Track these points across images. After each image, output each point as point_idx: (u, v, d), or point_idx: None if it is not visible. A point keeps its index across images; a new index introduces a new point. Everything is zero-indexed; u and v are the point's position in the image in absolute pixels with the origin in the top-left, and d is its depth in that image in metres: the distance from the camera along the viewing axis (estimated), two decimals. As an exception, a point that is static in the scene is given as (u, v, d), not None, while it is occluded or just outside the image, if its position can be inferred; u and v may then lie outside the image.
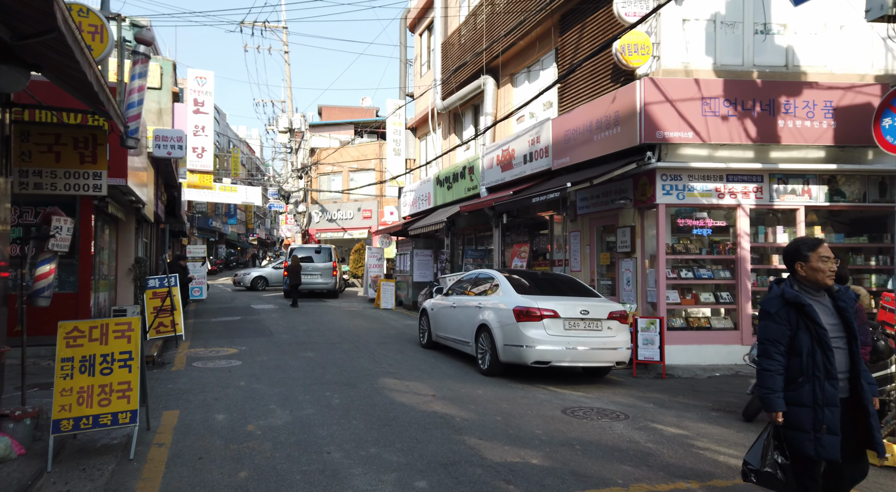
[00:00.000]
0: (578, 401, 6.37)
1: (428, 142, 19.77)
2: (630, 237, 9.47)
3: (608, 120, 9.44)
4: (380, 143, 30.71)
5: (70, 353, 4.81)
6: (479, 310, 8.04)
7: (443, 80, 16.64)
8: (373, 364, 8.45)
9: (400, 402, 6.20)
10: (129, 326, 5.05)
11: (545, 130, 11.41)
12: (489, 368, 7.56)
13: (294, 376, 7.53)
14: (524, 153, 12.24)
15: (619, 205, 9.74)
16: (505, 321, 7.33)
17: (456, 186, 15.86)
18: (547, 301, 7.17)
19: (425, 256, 18.45)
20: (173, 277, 10.72)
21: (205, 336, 11.24)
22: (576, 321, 7.09)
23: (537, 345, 6.95)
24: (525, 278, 8.09)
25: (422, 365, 8.44)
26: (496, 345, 7.39)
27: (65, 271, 8.47)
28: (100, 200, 8.74)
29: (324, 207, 31.75)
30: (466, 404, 6.08)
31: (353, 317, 15.18)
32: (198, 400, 6.32)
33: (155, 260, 16.05)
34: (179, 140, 10.83)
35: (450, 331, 9.00)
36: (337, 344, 10.36)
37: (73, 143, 5.53)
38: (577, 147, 10.37)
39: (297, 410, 5.90)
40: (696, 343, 8.79)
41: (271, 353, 9.36)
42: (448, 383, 7.15)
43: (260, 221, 66.92)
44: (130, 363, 4.95)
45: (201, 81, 17.67)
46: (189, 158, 18.21)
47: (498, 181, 13.36)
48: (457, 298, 8.97)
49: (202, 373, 7.76)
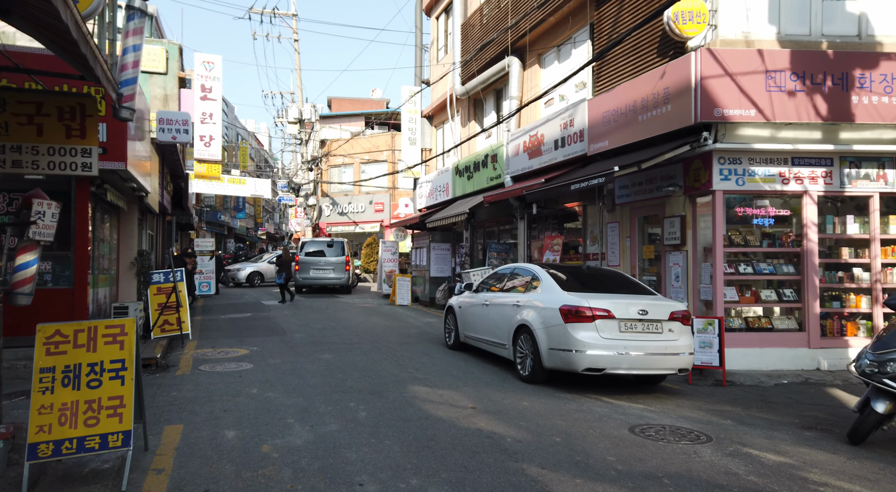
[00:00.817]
0: (643, 416, 5.50)
1: (445, 130, 18.87)
2: (679, 228, 8.57)
3: (655, 98, 8.52)
4: (392, 134, 29.85)
5: (51, 362, 4.00)
6: (517, 309, 7.19)
7: (462, 63, 15.73)
8: (398, 368, 7.63)
9: (436, 416, 5.37)
10: (122, 330, 4.24)
11: (580, 112, 10.49)
12: (530, 374, 6.71)
13: (312, 383, 6.72)
14: (555, 138, 11.34)
15: (666, 192, 8.82)
16: (550, 322, 6.47)
17: (477, 176, 14.98)
18: (598, 300, 6.30)
19: (443, 250, 17.61)
20: (179, 271, 9.95)
21: (213, 335, 10.47)
22: (633, 323, 6.22)
23: (589, 349, 6.09)
24: (569, 274, 7.22)
25: (452, 369, 7.61)
26: (539, 349, 6.54)
27: (59, 265, 7.71)
28: (97, 185, 7.96)
29: (334, 200, 30.97)
30: (514, 420, 5.23)
31: (369, 314, 14.37)
32: (204, 412, 5.53)
33: (161, 253, 15.31)
34: (185, 124, 10.03)
35: (481, 331, 8.16)
36: (355, 344, 9.55)
37: (57, 113, 4.72)
38: (617, 130, 9.45)
39: (319, 425, 5.09)
40: (756, 346, 7.90)
41: (285, 354, 8.57)
42: (486, 392, 6.31)
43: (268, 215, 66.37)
44: (123, 374, 4.14)
45: (209, 66, 16.87)
46: (196, 147, 17.44)
47: (525, 169, 12.46)
48: (489, 296, 8.12)
49: (210, 378, 6.98)
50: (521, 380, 6.92)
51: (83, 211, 7.66)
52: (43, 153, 4.78)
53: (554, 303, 6.52)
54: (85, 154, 4.91)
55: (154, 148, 11.73)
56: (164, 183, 13.71)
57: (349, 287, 20.58)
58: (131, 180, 8.29)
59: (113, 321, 4.24)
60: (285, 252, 17.46)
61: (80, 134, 4.86)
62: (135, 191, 9.15)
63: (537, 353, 6.59)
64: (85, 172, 5.02)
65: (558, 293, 6.65)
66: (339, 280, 19.65)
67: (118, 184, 8.42)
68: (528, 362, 6.83)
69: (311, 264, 19.47)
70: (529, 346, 6.80)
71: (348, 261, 19.77)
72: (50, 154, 4.83)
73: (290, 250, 17.66)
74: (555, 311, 6.44)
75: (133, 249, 10.31)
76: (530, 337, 6.77)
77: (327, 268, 19.53)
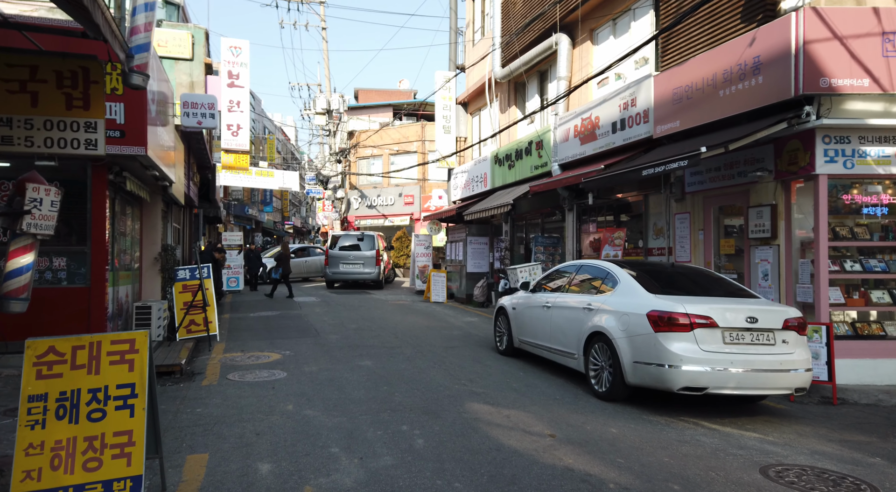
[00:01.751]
0: (767, 451, 4.46)
1: (482, 117, 17.84)
2: (770, 219, 7.43)
3: (742, 70, 7.38)
4: (422, 124, 28.91)
5: (42, 387, 3.18)
6: (588, 313, 6.19)
7: (503, 44, 14.66)
8: (448, 379, 6.72)
9: (510, 446, 4.43)
10: (132, 346, 3.40)
11: (644, 90, 9.38)
12: (609, 391, 5.72)
13: (354, 397, 5.85)
14: (612, 120, 10.24)
15: (752, 178, 7.68)
16: (635, 330, 5.46)
17: (519, 165, 13.94)
18: (695, 304, 5.27)
19: (480, 244, 16.65)
20: (205, 267, 9.20)
21: (242, 336, 9.72)
22: (740, 332, 5.17)
23: (686, 364, 5.07)
24: (652, 272, 6.18)
25: (511, 381, 6.66)
26: (621, 361, 5.54)
27: (75, 261, 7.00)
28: (116, 173, 7.21)
29: (363, 193, 30.23)
30: (608, 455, 4.26)
31: (405, 312, 13.51)
32: (234, 435, 4.69)
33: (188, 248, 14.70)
34: (211, 107, 9.28)
35: (541, 337, 7.18)
36: (396, 348, 8.67)
37: (55, 79, 3.92)
38: (690, 108, 8.33)
39: (370, 457, 4.20)
40: (868, 356, 6.75)
41: (321, 360, 7.74)
42: (560, 413, 5.34)
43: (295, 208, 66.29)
44: (133, 403, 3.30)
45: (236, 51, 16.15)
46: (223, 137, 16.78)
47: (576, 156, 11.39)
48: (550, 297, 7.13)
49: (239, 390, 6.17)
50: (595, 397, 5.93)
51: (100, 201, 6.93)
52: (38, 127, 3.98)
53: (639, 307, 5.51)
54: (89, 129, 4.10)
55: (179, 136, 11.02)
56: (190, 174, 13.04)
57: (381, 282, 19.98)
58: (153, 168, 7.53)
59: (120, 335, 3.40)
60: (284, 247, 16.96)
61: (83, 104, 4.04)
62: (157, 180, 8.41)
63: (618, 366, 5.59)
64: (89, 151, 4.21)
65: (643, 296, 5.62)
66: (371, 275, 19.08)
67: (138, 172, 7.67)
68: (604, 377, 5.83)
69: (342, 259, 18.99)
70: (606, 357, 5.80)
71: (379, 255, 19.09)
72: (47, 129, 4.02)
73: (288, 246, 17.22)
74: (640, 317, 5.42)
75: (157, 244, 9.61)
76: (608, 347, 5.77)
77: (358, 262, 19.03)
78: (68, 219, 7.08)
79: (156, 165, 7.35)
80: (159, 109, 7.95)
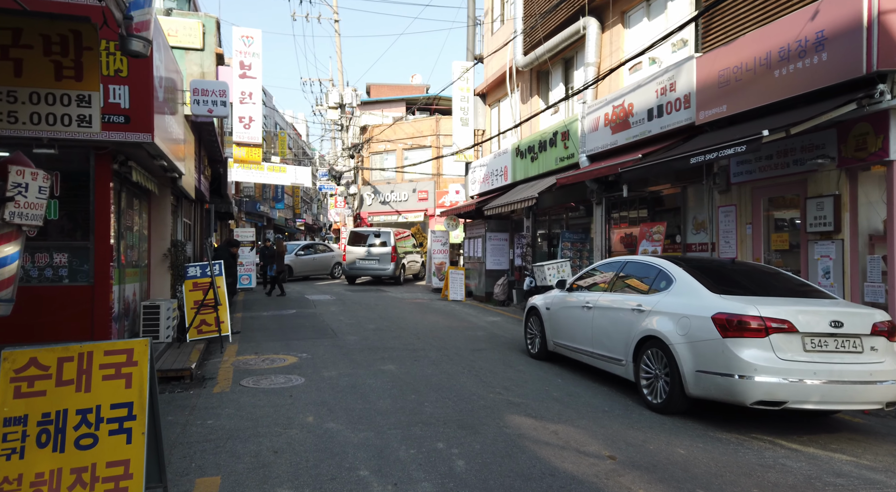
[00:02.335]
0: (867, 479, 3.83)
1: (501, 108, 17.21)
2: (832, 211, 6.76)
3: (801, 47, 6.71)
4: (436, 118, 28.30)
5: (21, 408, 2.65)
6: (638, 315, 5.57)
7: (526, 30, 14.01)
8: (481, 386, 6.14)
9: (565, 471, 3.84)
10: (130, 357, 2.85)
11: (685, 74, 8.71)
12: (665, 403, 5.10)
13: (380, 407, 5.29)
14: (648, 107, 9.58)
15: (810, 166, 7.01)
16: (696, 335, 4.84)
17: (543, 157, 13.29)
18: (769, 305, 4.63)
19: (500, 240, 16.04)
20: (217, 264, 8.70)
21: (255, 336, 9.21)
22: (822, 339, 4.53)
23: (761, 375, 4.44)
24: (710, 270, 5.54)
25: (549, 389, 6.06)
26: (680, 370, 4.92)
27: (77, 257, 6.49)
28: (121, 163, 6.70)
29: (376, 189, 29.69)
30: (684, 484, 3.65)
31: (424, 311, 12.95)
32: (249, 453, 4.15)
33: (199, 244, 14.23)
34: (223, 95, 8.76)
35: (581, 341, 6.58)
36: (420, 351, 8.11)
37: (42, 44, 3.37)
38: (739, 91, 7.66)
39: (406, 483, 3.64)
40: (948, 363, 6.05)
41: (340, 364, 7.19)
42: (614, 429, 4.74)
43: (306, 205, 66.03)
44: (131, 426, 2.76)
45: (248, 41, 15.63)
46: (235, 130, 16.30)
47: (607, 146, 10.73)
48: (591, 296, 6.52)
49: (254, 398, 5.63)
50: (648, 408, 5.32)
51: (104, 192, 6.42)
52: (23, 101, 3.44)
53: (702, 309, 4.88)
54: (82, 103, 3.55)
55: (190, 127, 10.52)
56: (201, 167, 12.55)
57: (398, 278, 19.92)
58: (160, 157, 7.01)
59: (116, 344, 2.85)
60: (278, 244, 16.58)
61: (75, 74, 3.50)
62: (166, 171, 7.90)
63: (676, 375, 4.97)
64: (83, 129, 3.67)
65: (705, 296, 5.00)
66: (386, 271, 19.16)
67: (145, 161, 7.16)
68: (658, 386, 5.22)
69: (359, 255, 19.22)
70: (661, 365, 5.19)
71: (395, 252, 19.01)
72: (33, 102, 3.48)
73: (283, 243, 16.88)
74: (704, 320, 4.80)
75: (166, 239, 9.12)
76: (663, 353, 5.15)
77: (375, 259, 19.13)
78: (72, 213, 6.59)
79: (164, 153, 6.82)
80: (168, 96, 7.43)
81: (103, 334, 6.42)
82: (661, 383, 5.20)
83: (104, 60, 5.96)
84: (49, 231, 6.50)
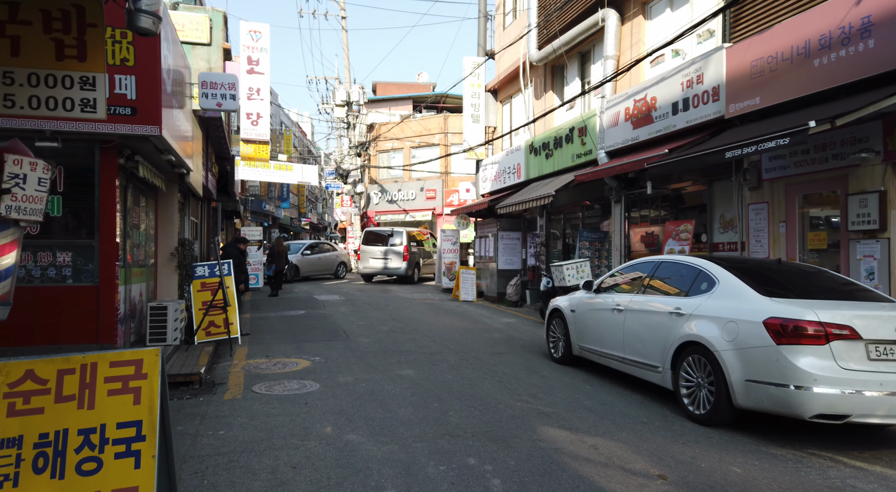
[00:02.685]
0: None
1: (513, 105, 16.85)
2: (877, 208, 6.39)
3: (845, 33, 6.34)
4: (444, 116, 27.98)
5: (16, 428, 2.32)
6: (676, 318, 5.22)
7: (539, 23, 13.64)
8: (506, 393, 5.80)
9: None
10: (139, 368, 2.53)
11: (713, 65, 8.34)
12: (710, 414, 4.75)
13: (402, 417, 4.96)
14: (673, 101, 9.21)
15: (852, 161, 6.64)
16: (746, 341, 4.49)
17: (559, 154, 12.93)
18: (828, 310, 4.28)
19: (512, 239, 15.69)
20: (226, 264, 8.38)
21: (265, 338, 8.90)
22: (889, 347, 4.17)
23: (820, 386, 4.08)
24: (755, 271, 5.18)
25: (580, 397, 5.71)
26: (727, 379, 4.56)
27: (81, 256, 6.19)
28: (127, 157, 6.39)
29: (383, 187, 29.39)
30: (747, 506, 3.30)
31: (436, 312, 12.61)
32: (265, 469, 3.83)
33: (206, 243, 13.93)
34: (232, 88, 8.45)
35: (611, 345, 6.23)
36: (437, 354, 7.78)
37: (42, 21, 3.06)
38: (774, 82, 7.29)
39: (440, 506, 3.30)
40: None
41: (355, 368, 6.86)
42: (658, 443, 4.39)
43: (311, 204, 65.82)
44: (140, 447, 2.43)
45: (255, 36, 15.32)
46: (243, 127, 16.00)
47: (627, 142, 10.37)
48: (622, 298, 6.17)
49: (268, 405, 5.31)
50: (689, 419, 4.97)
51: (109, 188, 6.11)
52: (21, 83, 3.12)
53: (751, 313, 4.52)
54: (86, 86, 3.23)
55: (197, 122, 10.22)
56: (208, 164, 12.25)
57: (411, 277, 20.08)
58: (168, 152, 6.70)
59: (123, 354, 2.53)
60: (278, 243, 16.06)
61: (78, 54, 3.17)
62: (173, 167, 7.59)
63: (723, 384, 4.61)
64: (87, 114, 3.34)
65: (754, 299, 4.64)
66: (399, 269, 19.43)
67: (152, 156, 6.85)
68: (701, 396, 4.86)
69: (372, 254, 19.53)
70: (704, 373, 4.84)
71: (408, 251, 19.14)
72: (31, 84, 3.15)
73: (283, 242, 16.36)
74: (755, 325, 4.44)
75: (173, 238, 8.81)
76: (707, 360, 4.79)
77: (387, 257, 19.39)
78: (76, 210, 6.30)
79: (171, 148, 6.51)
80: (176, 89, 7.12)
81: (109, 337, 6.11)
82: (703, 392, 4.85)
83: (109, 48, 5.65)
84: (52, 229, 6.21)
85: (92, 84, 3.23)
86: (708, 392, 4.80)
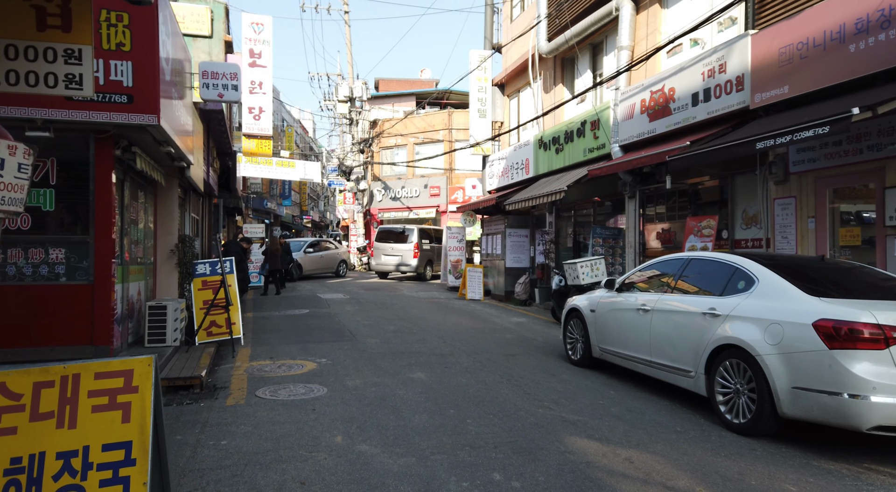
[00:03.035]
0: None
1: (521, 99, 16.48)
2: (918, 202, 6.02)
3: (883, 16, 5.97)
4: (449, 111, 27.60)
5: (-18, 453, 1.97)
6: (711, 320, 4.87)
7: (549, 14, 13.27)
8: (526, 398, 5.46)
9: (658, 512, 3.15)
10: (129, 381, 2.20)
11: (737, 53, 7.97)
12: (751, 423, 4.39)
13: (417, 425, 4.62)
14: (693, 91, 8.84)
15: (889, 153, 6.28)
16: (793, 345, 4.13)
17: (570, 148, 12.57)
18: (886, 311, 3.92)
19: (520, 236, 15.35)
20: (228, 261, 8.05)
21: (269, 339, 8.56)
22: (954, 351, 3.81)
23: (879, 394, 3.73)
24: (796, 269, 4.82)
25: (605, 403, 5.36)
26: (771, 386, 4.21)
27: (76, 253, 5.85)
28: (123, 148, 6.04)
29: (387, 184, 29.03)
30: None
31: (444, 311, 12.27)
32: (272, 485, 3.49)
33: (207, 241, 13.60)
34: (234, 78, 8.10)
35: (634, 348, 5.88)
36: (448, 356, 7.43)
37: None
38: (805, 69, 6.92)
39: (467, 530, 2.95)
40: None
41: (364, 371, 6.53)
42: (698, 456, 4.04)
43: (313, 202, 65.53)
44: (129, 473, 2.09)
45: (258, 28, 14.97)
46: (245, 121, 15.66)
47: (643, 135, 10.00)
48: (648, 297, 5.81)
49: (273, 412, 4.97)
50: (727, 429, 4.62)
51: (105, 181, 5.77)
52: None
53: (798, 314, 4.17)
54: (71, 59, 2.87)
55: (198, 115, 9.88)
56: (209, 159, 11.91)
57: (423, 275, 20.31)
58: (167, 143, 6.35)
59: (110, 364, 2.18)
60: (273, 242, 15.41)
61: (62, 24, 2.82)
62: (173, 159, 7.24)
63: (766, 391, 4.26)
64: (72, 90, 3.00)
65: (801, 299, 4.29)
66: (410, 266, 19.75)
67: (150, 148, 6.50)
68: (740, 404, 4.51)
69: (384, 251, 19.99)
70: (744, 379, 4.49)
71: (419, 248, 19.51)
72: (9, 57, 2.79)
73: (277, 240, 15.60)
74: (803, 327, 4.09)
75: (173, 234, 8.48)
76: (747, 365, 4.44)
77: (398, 254, 19.74)
78: (70, 204, 5.96)
79: (170, 139, 6.17)
80: (175, 79, 6.78)
81: (104, 338, 5.78)
82: (743, 399, 4.50)
83: (104, 32, 5.31)
84: (45, 224, 5.88)
85: (78, 57, 2.88)
86: (748, 400, 4.45)
